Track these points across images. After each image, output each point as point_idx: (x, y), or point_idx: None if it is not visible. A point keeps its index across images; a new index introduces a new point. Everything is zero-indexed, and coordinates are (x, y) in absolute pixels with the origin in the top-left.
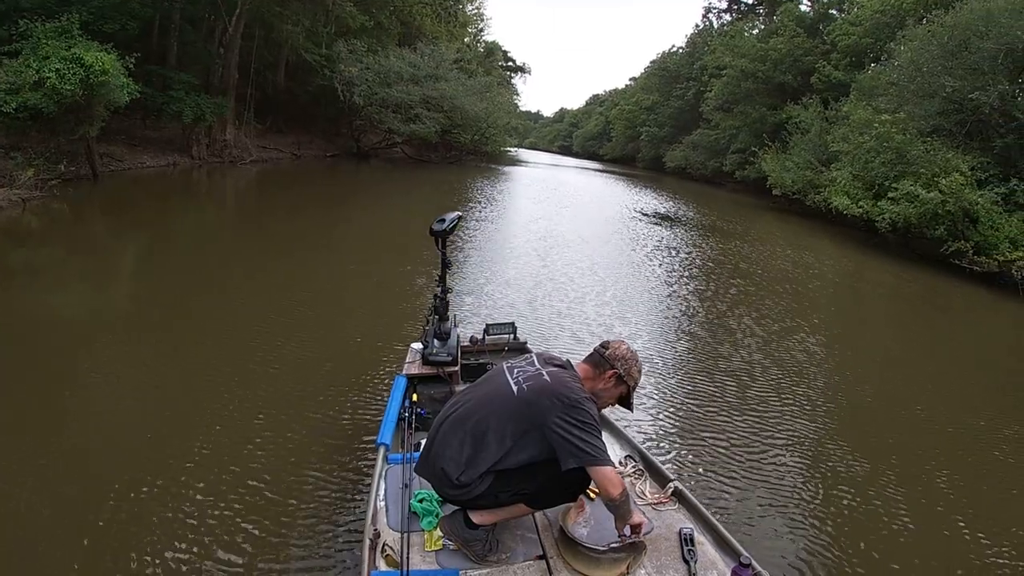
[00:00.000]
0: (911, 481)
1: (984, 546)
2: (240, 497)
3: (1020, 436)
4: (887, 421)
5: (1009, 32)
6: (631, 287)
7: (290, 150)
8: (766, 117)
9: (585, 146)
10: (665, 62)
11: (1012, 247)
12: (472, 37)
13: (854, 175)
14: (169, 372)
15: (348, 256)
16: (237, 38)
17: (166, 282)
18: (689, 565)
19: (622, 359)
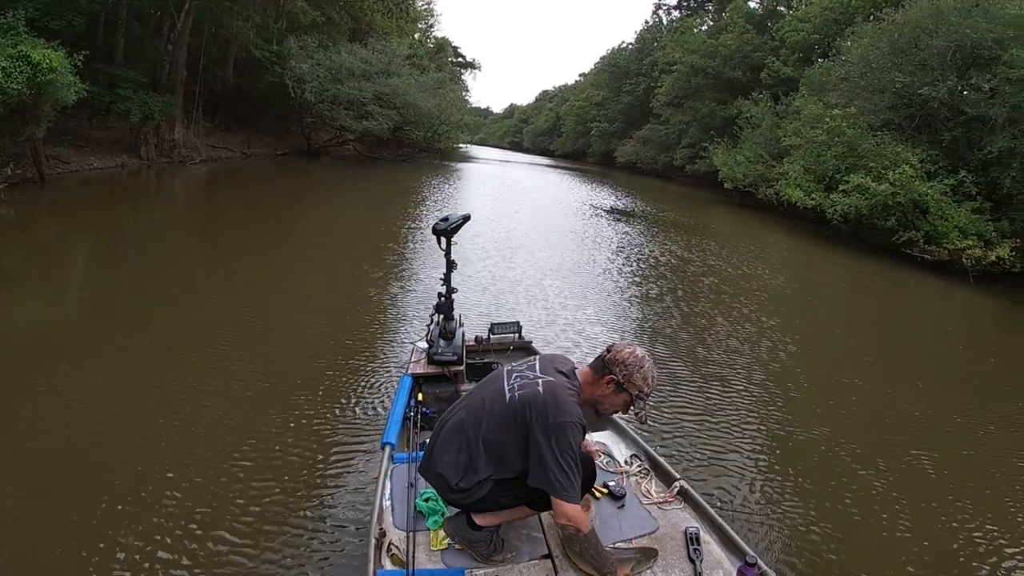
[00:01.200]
0: (910, 478)
1: (983, 535)
2: (244, 496)
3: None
4: (883, 418)
5: (958, 30)
6: (600, 287)
7: (239, 149)
8: (716, 112)
9: (536, 142)
10: (615, 58)
11: (961, 236)
12: (422, 33)
13: (805, 168)
14: (166, 373)
15: (339, 255)
16: (185, 34)
17: (146, 284)
18: (695, 564)
19: (621, 364)
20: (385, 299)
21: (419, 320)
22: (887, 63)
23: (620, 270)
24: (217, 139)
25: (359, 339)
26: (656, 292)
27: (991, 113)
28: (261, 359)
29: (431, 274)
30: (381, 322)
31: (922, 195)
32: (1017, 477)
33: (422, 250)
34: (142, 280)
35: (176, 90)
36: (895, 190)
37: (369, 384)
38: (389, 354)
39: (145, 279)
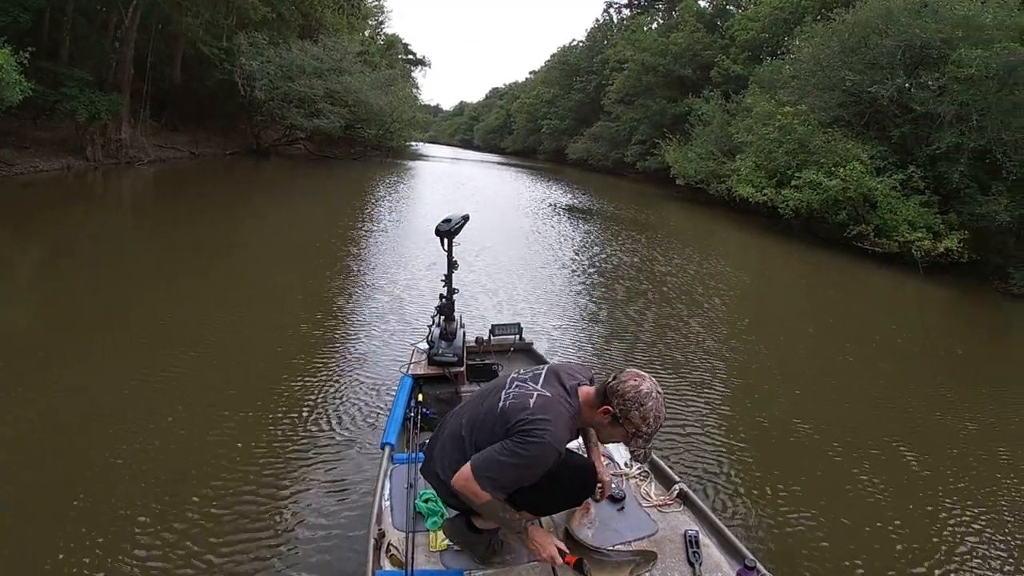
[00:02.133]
0: (903, 475)
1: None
2: (243, 497)
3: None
4: (866, 413)
5: (908, 30)
6: (568, 290)
7: (188, 149)
8: (666, 109)
9: (486, 139)
10: (566, 56)
11: (911, 229)
12: (373, 30)
13: (757, 164)
14: (162, 373)
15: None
16: (133, 31)
17: (128, 282)
18: (694, 567)
19: (620, 397)
20: (378, 301)
21: (396, 320)
22: (837, 62)
23: (587, 272)
24: (164, 139)
25: (358, 339)
26: (624, 294)
27: (939, 110)
28: (244, 363)
29: (397, 275)
30: (383, 322)
31: (872, 190)
32: (1000, 467)
33: (386, 251)
34: (110, 284)
35: (123, 88)
36: (846, 185)
37: (368, 384)
38: (389, 354)
39: (108, 284)
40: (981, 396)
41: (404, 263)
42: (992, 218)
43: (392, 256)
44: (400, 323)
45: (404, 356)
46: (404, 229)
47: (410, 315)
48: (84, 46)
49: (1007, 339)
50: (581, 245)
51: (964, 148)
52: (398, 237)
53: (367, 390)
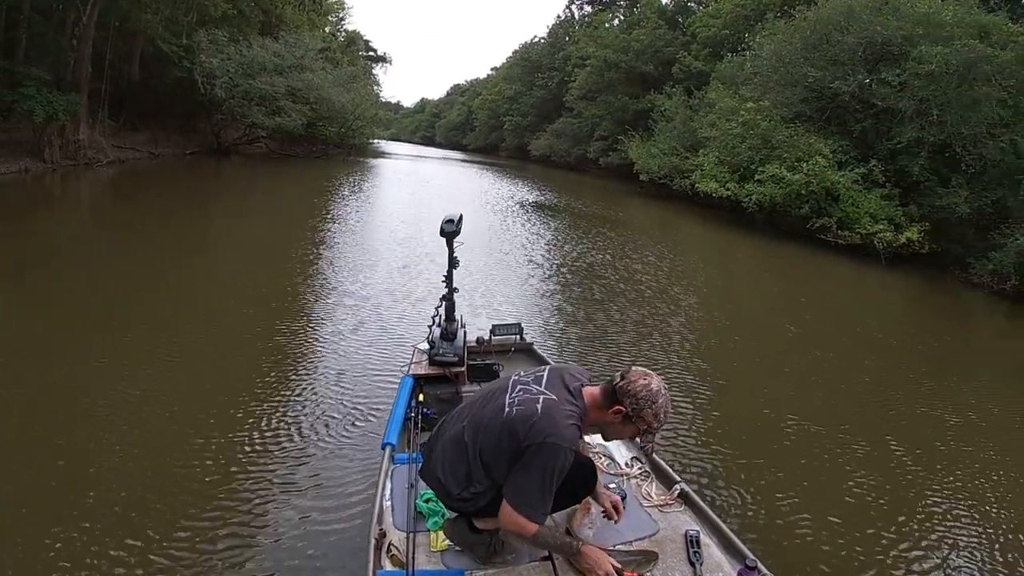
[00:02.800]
0: (902, 472)
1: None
2: (242, 497)
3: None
4: (860, 408)
5: (869, 27)
6: (548, 293)
7: (147, 149)
8: (628, 105)
9: (448, 136)
10: (527, 52)
11: (872, 221)
12: (333, 26)
13: (720, 159)
14: (158, 373)
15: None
16: (91, 28)
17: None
18: (695, 567)
19: (633, 397)
20: (352, 303)
21: (377, 323)
22: (800, 58)
23: (562, 272)
24: (123, 139)
25: (355, 339)
26: (602, 294)
27: (900, 106)
28: (224, 367)
29: (371, 278)
30: (383, 323)
31: (834, 183)
32: (988, 462)
33: (356, 252)
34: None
35: (81, 88)
36: (808, 179)
37: (381, 385)
38: (389, 355)
39: (78, 290)
40: (960, 387)
41: (375, 265)
42: (952, 210)
43: (363, 257)
44: (384, 325)
45: (388, 357)
46: (372, 229)
47: (393, 319)
48: (41, 44)
49: (971, 326)
50: (553, 243)
51: (924, 142)
52: (366, 238)
53: (365, 389)
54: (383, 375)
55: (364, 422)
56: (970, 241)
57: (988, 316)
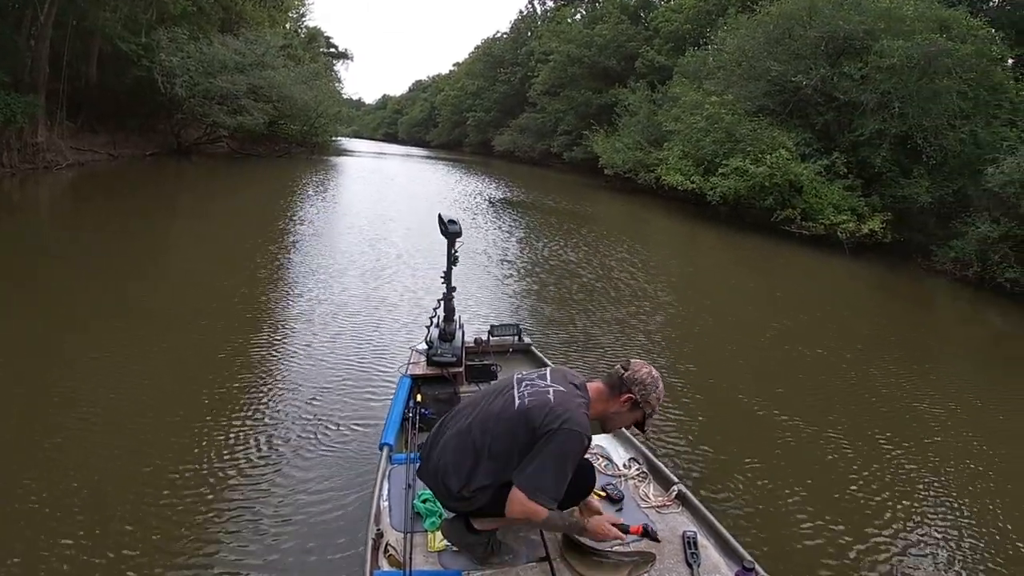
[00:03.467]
0: (898, 471)
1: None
2: (240, 497)
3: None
4: (853, 402)
5: (831, 21)
6: (521, 289)
7: (106, 150)
8: (591, 100)
9: (411, 132)
10: (490, 47)
11: (835, 212)
12: (294, 22)
13: (684, 153)
14: (156, 373)
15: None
16: (49, 27)
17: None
18: (692, 568)
19: (640, 384)
20: (323, 308)
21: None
22: (763, 52)
23: (537, 271)
24: (82, 141)
25: (353, 340)
26: (581, 292)
27: (862, 99)
28: (271, 359)
29: (347, 282)
30: (382, 324)
31: (798, 175)
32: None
33: (325, 255)
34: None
35: (39, 89)
36: (772, 172)
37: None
38: (386, 355)
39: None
40: (938, 376)
41: (345, 269)
42: (914, 200)
43: (333, 261)
44: (366, 329)
45: (372, 360)
46: (340, 231)
47: (373, 322)
48: None
49: (939, 313)
50: (527, 242)
51: (886, 134)
52: (335, 240)
53: (363, 390)
54: (365, 381)
55: (357, 424)
56: (932, 230)
57: (952, 302)
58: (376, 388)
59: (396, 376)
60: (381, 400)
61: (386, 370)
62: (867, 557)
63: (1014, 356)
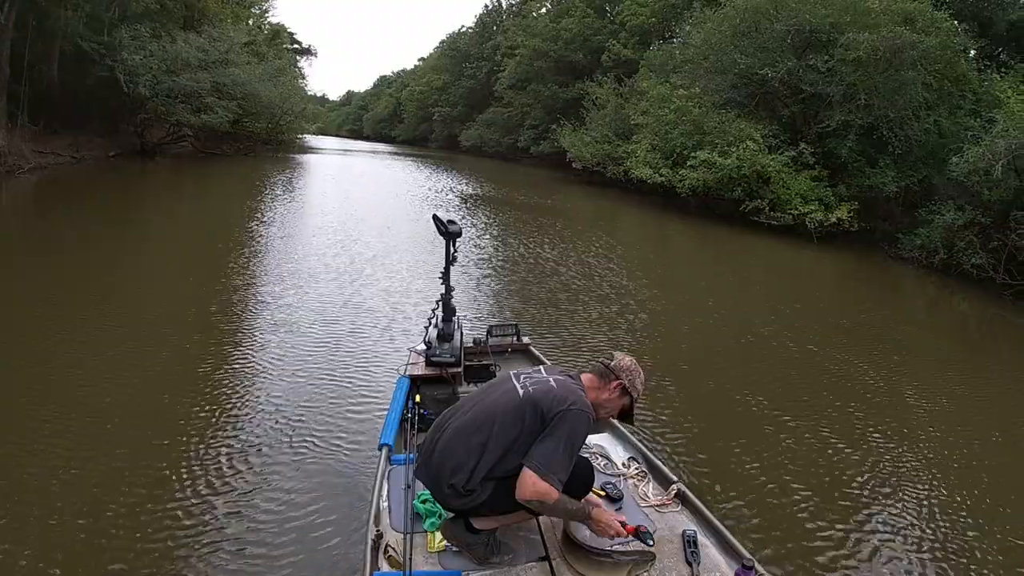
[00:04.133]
0: (894, 467)
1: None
2: (238, 498)
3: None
4: (846, 396)
5: (797, 15)
6: (501, 289)
7: (69, 153)
8: (558, 94)
9: (376, 129)
10: (455, 42)
11: (803, 202)
12: (256, 19)
13: (653, 146)
14: (155, 374)
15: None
16: (10, 28)
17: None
18: (692, 567)
19: (627, 370)
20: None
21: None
22: (729, 46)
23: (516, 270)
24: (44, 144)
25: (349, 341)
26: (563, 290)
27: (829, 90)
28: (270, 359)
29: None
30: (381, 325)
31: (765, 167)
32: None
33: (298, 259)
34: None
35: (0, 91)
36: (740, 163)
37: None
38: (383, 355)
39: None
40: (918, 365)
41: (319, 272)
42: (880, 189)
43: (307, 263)
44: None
45: (361, 364)
46: (312, 233)
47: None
48: None
49: (911, 300)
50: (501, 238)
51: (852, 125)
52: (307, 243)
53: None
54: (346, 389)
55: (349, 427)
56: (897, 218)
57: (921, 288)
58: (360, 392)
59: (380, 378)
60: (368, 403)
61: (371, 373)
62: (865, 554)
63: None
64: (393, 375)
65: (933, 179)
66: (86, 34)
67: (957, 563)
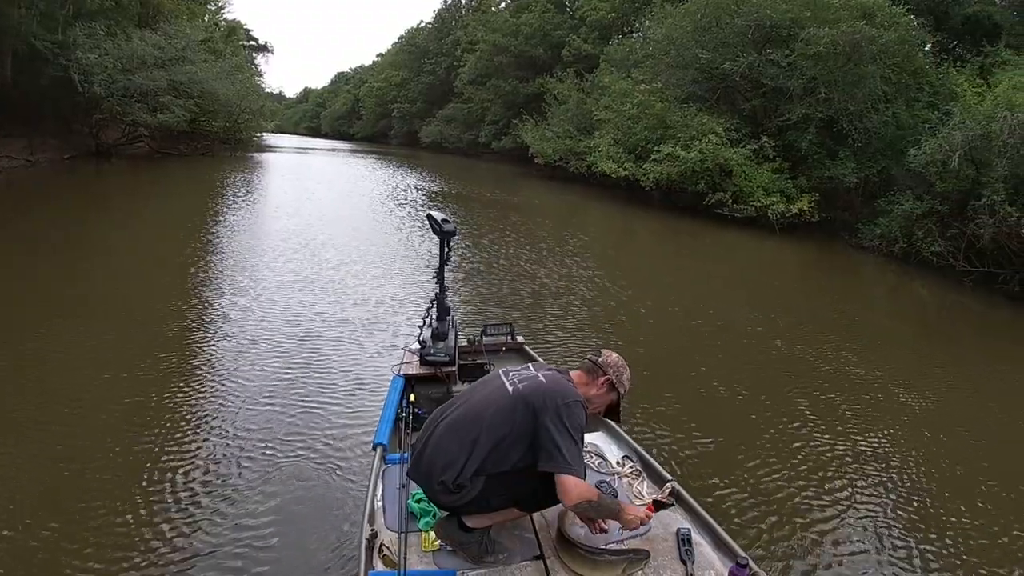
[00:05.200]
0: (886, 463)
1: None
2: (235, 499)
3: None
4: (831, 390)
5: (758, 10)
6: (475, 293)
7: (23, 156)
8: (519, 89)
9: (335, 126)
10: (414, 37)
11: (765, 194)
12: (212, 15)
13: (616, 140)
14: (151, 374)
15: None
16: None
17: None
18: (686, 565)
19: (614, 366)
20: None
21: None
22: (691, 41)
23: (489, 272)
24: None
25: (344, 339)
26: (547, 297)
27: (789, 84)
28: (267, 359)
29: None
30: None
31: (728, 160)
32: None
33: (270, 266)
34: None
35: None
36: (703, 157)
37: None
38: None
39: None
40: (900, 355)
41: (291, 282)
42: (840, 180)
43: (274, 272)
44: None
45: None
46: (275, 239)
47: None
48: None
49: (880, 289)
50: (472, 237)
51: (812, 118)
52: (273, 250)
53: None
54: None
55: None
56: (857, 208)
57: (883, 276)
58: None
59: (369, 382)
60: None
61: (357, 372)
62: (863, 550)
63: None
64: (373, 373)
65: (892, 170)
66: (40, 33)
67: (951, 556)
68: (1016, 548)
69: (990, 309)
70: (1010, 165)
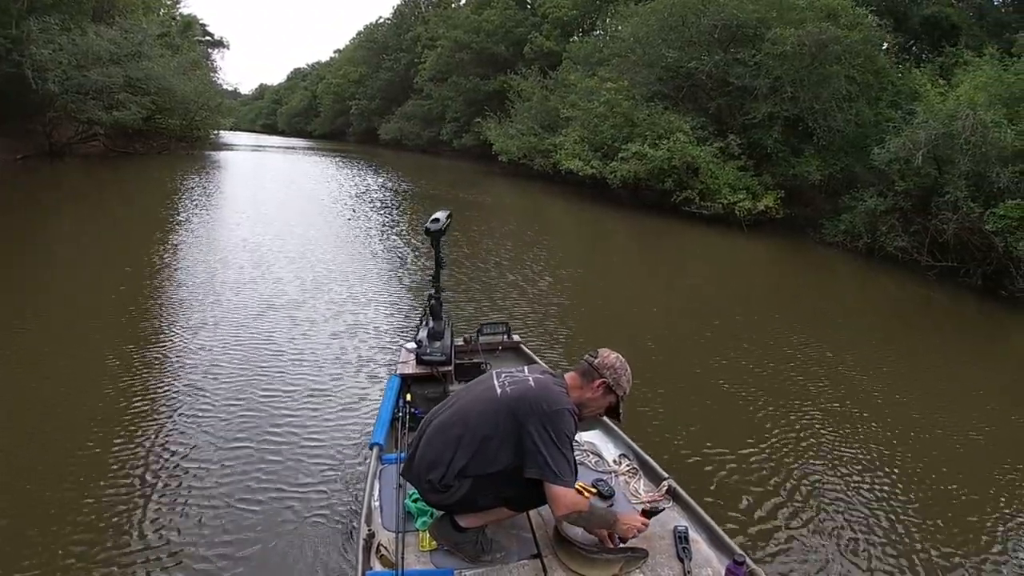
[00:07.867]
0: (878, 459)
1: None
2: (232, 499)
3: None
4: (818, 384)
5: (724, 9)
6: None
7: None
8: (480, 87)
9: (291, 123)
10: (373, 33)
11: (732, 191)
12: (168, 10)
13: (581, 138)
14: (145, 373)
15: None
16: None
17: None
18: (683, 563)
19: (611, 368)
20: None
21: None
22: (657, 40)
23: (468, 276)
24: None
25: (341, 339)
26: (530, 299)
27: (755, 84)
28: (266, 359)
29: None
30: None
31: (695, 158)
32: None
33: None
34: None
35: None
36: (671, 155)
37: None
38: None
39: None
40: (887, 347)
41: (268, 300)
42: (805, 178)
43: (242, 292)
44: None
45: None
46: (242, 246)
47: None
48: None
49: (848, 282)
50: (453, 240)
51: (778, 117)
52: (238, 263)
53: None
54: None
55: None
56: (821, 205)
57: (852, 271)
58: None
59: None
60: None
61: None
62: (862, 549)
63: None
64: (362, 377)
65: (855, 167)
66: None
67: (949, 553)
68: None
69: (956, 303)
70: (972, 162)
